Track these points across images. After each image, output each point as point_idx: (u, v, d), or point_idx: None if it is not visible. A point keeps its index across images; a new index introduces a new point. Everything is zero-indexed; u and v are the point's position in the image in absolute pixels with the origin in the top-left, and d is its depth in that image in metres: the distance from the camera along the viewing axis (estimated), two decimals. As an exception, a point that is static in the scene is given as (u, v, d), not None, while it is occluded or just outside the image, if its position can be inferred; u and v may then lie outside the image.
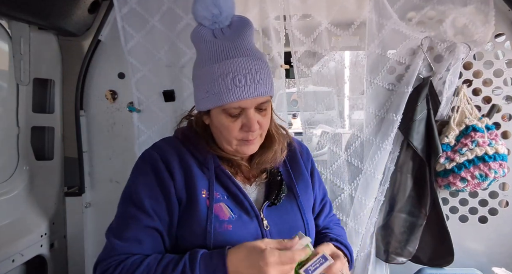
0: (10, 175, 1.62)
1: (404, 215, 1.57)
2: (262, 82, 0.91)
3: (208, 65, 0.91)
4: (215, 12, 0.91)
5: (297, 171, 1.10)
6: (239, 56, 0.90)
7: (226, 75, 0.88)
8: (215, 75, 0.89)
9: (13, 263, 1.45)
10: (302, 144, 1.20)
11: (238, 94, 0.88)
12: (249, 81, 0.89)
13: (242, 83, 0.88)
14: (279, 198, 1.00)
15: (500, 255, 1.60)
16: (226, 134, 0.95)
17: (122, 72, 1.73)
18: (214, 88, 0.89)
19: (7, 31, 1.57)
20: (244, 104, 0.90)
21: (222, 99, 0.89)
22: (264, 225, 0.96)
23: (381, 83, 1.55)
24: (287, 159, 1.10)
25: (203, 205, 0.93)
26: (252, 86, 0.89)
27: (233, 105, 0.90)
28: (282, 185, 1.03)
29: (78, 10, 1.57)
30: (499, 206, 1.59)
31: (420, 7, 1.50)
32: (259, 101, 0.92)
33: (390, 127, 1.50)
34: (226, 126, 0.93)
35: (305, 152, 1.18)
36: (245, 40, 0.93)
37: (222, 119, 0.93)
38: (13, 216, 1.57)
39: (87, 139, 1.77)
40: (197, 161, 0.98)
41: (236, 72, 0.88)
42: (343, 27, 1.53)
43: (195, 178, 0.94)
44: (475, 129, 1.47)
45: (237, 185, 0.98)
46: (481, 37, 1.44)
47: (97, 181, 1.79)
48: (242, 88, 0.88)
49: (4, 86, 1.61)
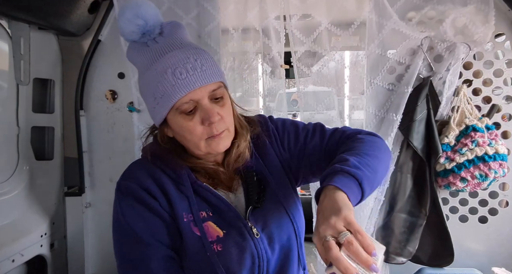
0: (10, 175, 1.62)
1: (404, 215, 1.57)
2: (206, 68, 0.85)
3: (147, 70, 0.87)
4: (140, 23, 0.85)
5: (270, 162, 1.01)
6: (173, 49, 0.86)
7: (165, 72, 0.83)
8: (155, 76, 0.84)
9: (13, 263, 1.45)
10: (262, 116, 1.09)
11: (184, 87, 0.83)
12: (191, 71, 0.83)
13: (184, 74, 0.83)
14: (261, 200, 0.94)
15: (500, 255, 1.60)
16: (190, 137, 0.88)
17: (122, 72, 1.73)
18: (158, 90, 0.84)
19: (7, 31, 1.57)
20: (194, 96, 0.84)
21: (170, 99, 0.84)
22: (254, 234, 0.91)
23: (381, 83, 1.55)
24: (257, 152, 1.01)
25: (188, 228, 0.88)
26: (195, 75, 0.84)
27: (184, 100, 0.84)
28: (261, 185, 0.97)
29: (78, 10, 1.57)
30: (499, 206, 1.59)
31: (420, 7, 1.50)
32: (209, 89, 0.86)
33: (390, 127, 1.50)
34: (186, 128, 0.86)
35: (265, 124, 1.05)
36: (178, 37, 0.89)
37: (180, 122, 0.87)
38: (13, 216, 1.57)
39: (87, 139, 1.77)
40: (171, 179, 0.92)
41: (174, 65, 0.83)
42: (343, 27, 1.53)
43: (174, 201, 0.89)
44: (475, 129, 1.47)
45: (219, 196, 0.92)
46: (481, 37, 1.44)
47: (97, 181, 1.79)
48: (185, 80, 0.83)
49: (4, 86, 1.61)
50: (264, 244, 0.91)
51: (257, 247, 0.90)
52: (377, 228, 1.60)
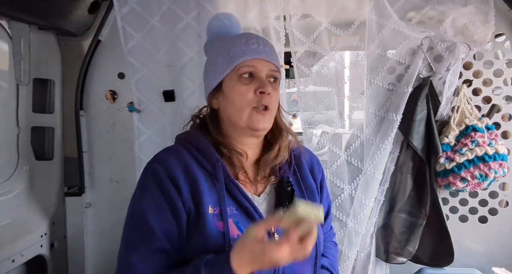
0: (10, 175, 1.62)
1: (404, 215, 1.57)
2: (274, 53, 0.98)
3: (222, 40, 0.99)
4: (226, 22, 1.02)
5: (306, 182, 1.06)
6: (259, 36, 1.00)
7: (240, 39, 0.96)
8: (230, 40, 0.97)
9: (13, 263, 1.45)
10: (314, 155, 1.17)
11: (252, 52, 0.94)
12: (262, 45, 0.96)
13: (255, 45, 0.95)
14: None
15: (500, 255, 1.60)
16: (240, 101, 0.93)
17: (122, 72, 1.73)
18: (229, 51, 0.95)
19: (7, 31, 1.57)
20: (258, 65, 0.94)
21: (237, 58, 0.93)
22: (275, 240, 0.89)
23: (381, 83, 1.55)
24: (297, 167, 1.06)
25: (211, 222, 0.88)
26: (265, 49, 0.96)
27: (248, 64, 0.93)
28: (293, 196, 0.98)
29: (78, 10, 1.57)
30: (499, 206, 1.59)
31: (420, 7, 1.50)
32: (271, 68, 0.96)
33: (390, 127, 1.50)
34: (239, 90, 0.93)
35: (317, 163, 1.14)
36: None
37: (235, 84, 0.94)
38: (13, 216, 1.57)
39: (87, 139, 1.77)
40: (205, 171, 0.93)
41: (250, 37, 0.97)
42: (343, 27, 1.53)
43: (201, 193, 0.89)
44: (475, 129, 1.47)
45: (247, 197, 0.93)
46: (481, 37, 1.44)
47: (97, 181, 1.79)
48: (256, 49, 0.94)
49: (4, 86, 1.61)
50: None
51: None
52: (377, 228, 1.60)
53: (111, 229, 1.72)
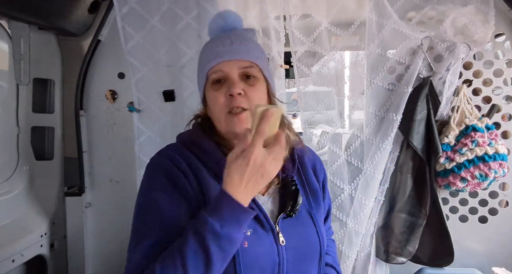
0: (10, 175, 1.62)
1: (404, 215, 1.57)
2: (240, 46, 0.92)
3: (204, 47, 0.98)
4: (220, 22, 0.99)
5: (310, 181, 1.06)
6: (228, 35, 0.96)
7: (210, 45, 0.95)
8: (205, 48, 0.97)
9: (13, 263, 1.45)
10: (316, 155, 1.16)
11: (216, 56, 0.91)
12: (228, 44, 0.92)
13: (219, 47, 0.92)
14: (295, 209, 0.94)
15: (500, 255, 1.60)
16: (214, 108, 0.92)
17: (122, 72, 1.73)
18: (202, 62, 0.95)
19: (7, 31, 1.57)
20: (223, 68, 0.90)
21: (205, 68, 0.92)
22: (280, 241, 0.89)
23: (381, 83, 1.55)
24: (300, 167, 1.05)
25: None
26: (231, 48, 0.91)
27: (214, 69, 0.91)
28: (297, 195, 0.97)
29: (78, 10, 1.57)
30: (499, 206, 1.59)
31: (420, 7, 1.50)
32: (239, 65, 0.91)
33: (390, 127, 1.50)
34: (212, 98, 0.92)
35: (319, 163, 1.14)
36: (241, 32, 0.98)
37: (209, 93, 0.93)
38: (13, 216, 1.57)
39: (87, 139, 1.77)
40: (209, 169, 0.92)
41: (216, 40, 0.95)
42: (343, 27, 1.53)
43: (205, 186, 0.88)
44: (475, 129, 1.47)
45: None
46: (481, 37, 1.45)
47: (97, 181, 1.79)
48: (221, 51, 0.91)
49: (4, 86, 1.61)
50: (287, 254, 0.90)
51: (279, 254, 0.88)
52: (377, 228, 1.60)
53: (111, 229, 1.73)
